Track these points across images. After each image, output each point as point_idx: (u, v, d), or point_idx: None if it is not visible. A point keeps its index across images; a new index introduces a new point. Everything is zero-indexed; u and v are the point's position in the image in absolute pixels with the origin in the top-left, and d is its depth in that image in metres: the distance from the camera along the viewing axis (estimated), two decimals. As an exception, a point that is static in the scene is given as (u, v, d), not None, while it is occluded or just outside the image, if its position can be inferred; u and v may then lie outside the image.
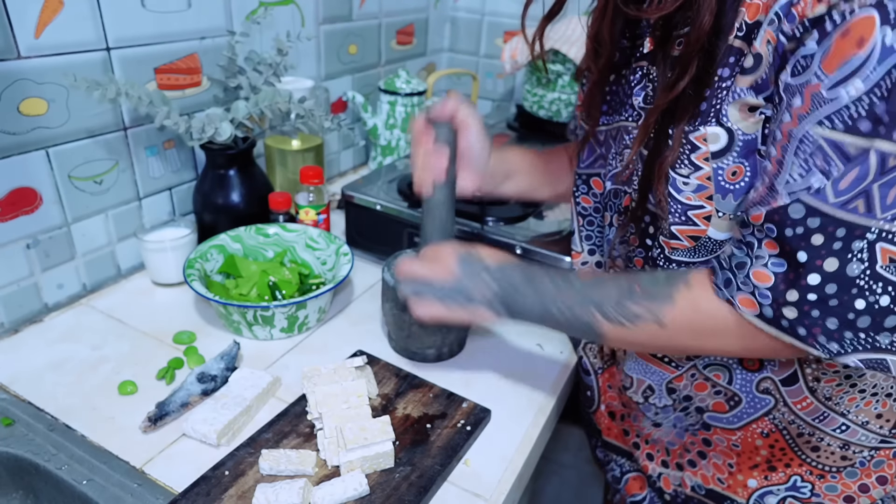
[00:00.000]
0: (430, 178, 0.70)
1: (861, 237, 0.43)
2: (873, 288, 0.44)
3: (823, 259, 0.44)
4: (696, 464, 0.69)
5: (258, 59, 0.95)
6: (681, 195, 0.54)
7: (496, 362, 0.81)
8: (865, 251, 0.43)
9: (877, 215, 0.42)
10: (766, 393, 0.60)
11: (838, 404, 0.58)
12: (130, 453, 0.63)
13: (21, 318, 0.82)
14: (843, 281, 0.44)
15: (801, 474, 0.63)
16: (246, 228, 0.91)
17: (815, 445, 0.61)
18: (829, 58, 0.42)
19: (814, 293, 0.45)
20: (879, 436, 0.59)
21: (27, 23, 0.72)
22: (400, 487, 0.60)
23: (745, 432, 0.63)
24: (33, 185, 0.78)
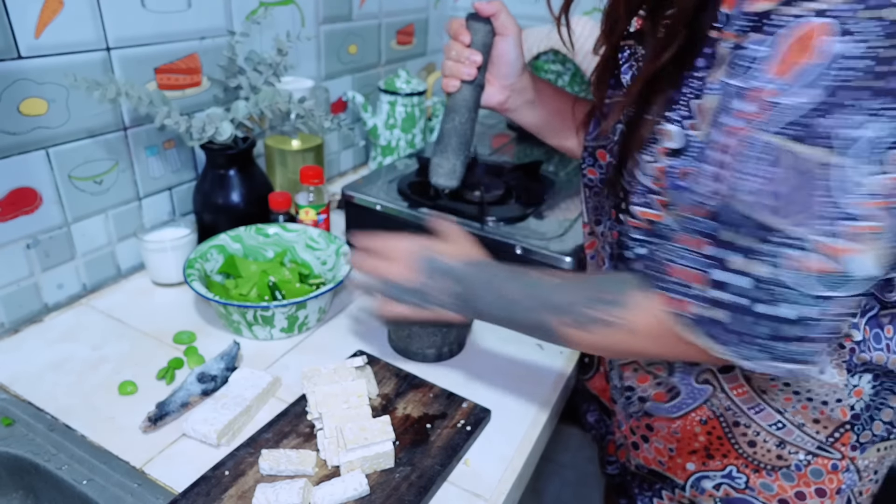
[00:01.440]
0: (460, 75, 0.70)
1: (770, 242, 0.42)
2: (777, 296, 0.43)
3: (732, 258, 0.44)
4: (639, 446, 0.71)
5: (258, 59, 0.95)
6: (644, 179, 0.54)
7: (496, 362, 0.81)
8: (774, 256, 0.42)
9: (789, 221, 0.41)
10: (705, 383, 0.61)
11: (774, 400, 0.59)
12: (130, 453, 0.63)
13: (21, 318, 0.82)
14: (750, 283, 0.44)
15: (736, 465, 0.63)
16: (246, 228, 0.91)
17: (751, 440, 0.61)
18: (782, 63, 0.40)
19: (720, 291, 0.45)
20: (816, 441, 0.59)
21: (27, 23, 0.72)
22: (400, 487, 0.60)
23: (685, 421, 0.64)
24: (33, 185, 0.78)
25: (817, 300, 0.43)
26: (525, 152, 1.26)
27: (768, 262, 0.43)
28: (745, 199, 0.43)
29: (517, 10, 1.50)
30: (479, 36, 0.70)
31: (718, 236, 0.45)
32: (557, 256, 0.85)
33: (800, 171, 0.40)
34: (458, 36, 0.71)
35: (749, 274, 0.44)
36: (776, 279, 0.43)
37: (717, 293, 0.45)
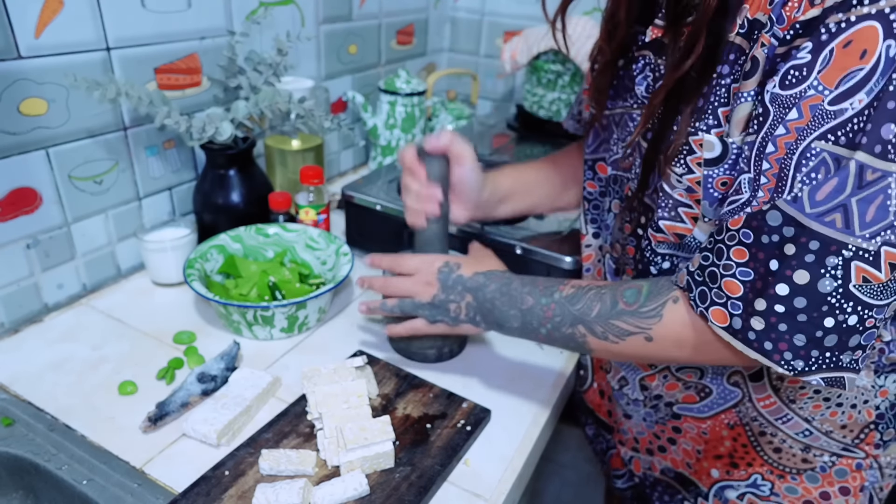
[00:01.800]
0: (424, 213, 0.71)
1: (836, 253, 0.41)
2: (843, 307, 0.42)
3: (794, 270, 0.43)
4: (666, 449, 0.70)
5: (258, 59, 0.95)
6: (673, 192, 0.54)
7: (496, 362, 0.81)
8: (840, 268, 0.41)
9: (855, 232, 0.40)
10: (735, 385, 0.61)
11: (802, 409, 0.58)
12: (130, 453, 0.63)
13: (21, 318, 0.82)
14: (814, 296, 0.43)
15: (761, 473, 0.63)
16: (246, 228, 0.91)
17: (777, 447, 0.61)
18: (829, 70, 0.40)
19: (782, 305, 0.44)
20: (842, 444, 0.59)
21: (27, 23, 0.72)
22: (400, 487, 0.60)
23: (714, 421, 0.64)
24: (33, 185, 0.78)
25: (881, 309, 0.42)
26: (525, 152, 1.26)
27: (833, 275, 0.42)
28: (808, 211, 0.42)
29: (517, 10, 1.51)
30: (435, 169, 0.71)
31: (783, 250, 0.43)
32: (557, 257, 0.85)
33: (865, 180, 0.39)
34: (414, 171, 0.71)
35: (815, 288, 0.42)
36: (845, 291, 0.42)
37: (780, 307, 0.44)
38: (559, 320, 0.59)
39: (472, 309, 0.65)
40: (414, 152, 0.71)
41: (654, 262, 0.59)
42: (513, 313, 0.62)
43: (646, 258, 0.60)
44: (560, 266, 0.84)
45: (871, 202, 0.40)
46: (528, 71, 1.32)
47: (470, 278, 0.66)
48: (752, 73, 0.46)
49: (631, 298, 0.55)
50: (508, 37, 1.54)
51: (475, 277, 0.65)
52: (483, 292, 0.64)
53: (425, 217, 0.72)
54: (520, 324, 0.62)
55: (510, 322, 0.63)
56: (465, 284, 0.66)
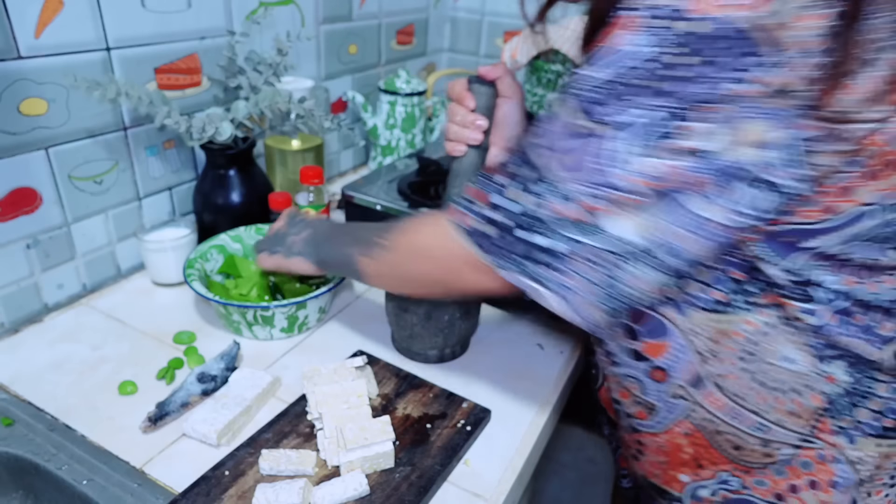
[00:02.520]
0: (466, 140, 0.71)
1: (538, 182, 0.49)
2: (533, 225, 0.50)
3: (508, 187, 0.51)
4: (638, 458, 0.71)
5: (258, 59, 0.95)
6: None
7: (496, 362, 0.81)
8: (538, 196, 0.49)
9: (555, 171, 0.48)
10: (678, 398, 0.61)
11: (747, 401, 0.59)
12: (130, 453, 0.63)
13: (21, 318, 0.82)
14: (516, 209, 0.50)
15: (728, 470, 0.63)
16: (246, 228, 0.91)
17: (736, 444, 0.62)
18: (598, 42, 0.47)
19: (496, 213, 0.52)
20: (798, 434, 0.59)
21: (27, 23, 0.72)
22: (400, 487, 0.60)
23: (669, 435, 0.64)
24: (33, 185, 0.78)
25: (567, 240, 0.49)
26: (525, 152, 1.26)
27: (535, 199, 0.49)
28: (539, 147, 0.50)
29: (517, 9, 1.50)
30: (483, 100, 0.70)
31: (507, 168, 0.52)
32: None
33: (581, 135, 0.46)
34: (463, 100, 0.71)
35: (519, 203, 0.50)
36: (537, 214, 0.49)
37: (491, 212, 0.52)
38: (348, 244, 0.68)
39: (304, 242, 0.75)
40: (465, 83, 0.72)
41: None
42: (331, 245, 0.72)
43: None
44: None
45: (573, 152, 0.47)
46: (528, 71, 1.33)
47: (313, 219, 0.77)
48: None
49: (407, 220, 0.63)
50: (508, 37, 1.54)
51: (318, 217, 0.76)
52: (320, 228, 0.75)
53: (465, 145, 0.72)
54: (329, 253, 0.72)
55: (329, 253, 0.72)
56: (306, 221, 0.77)
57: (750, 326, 0.55)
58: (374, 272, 0.66)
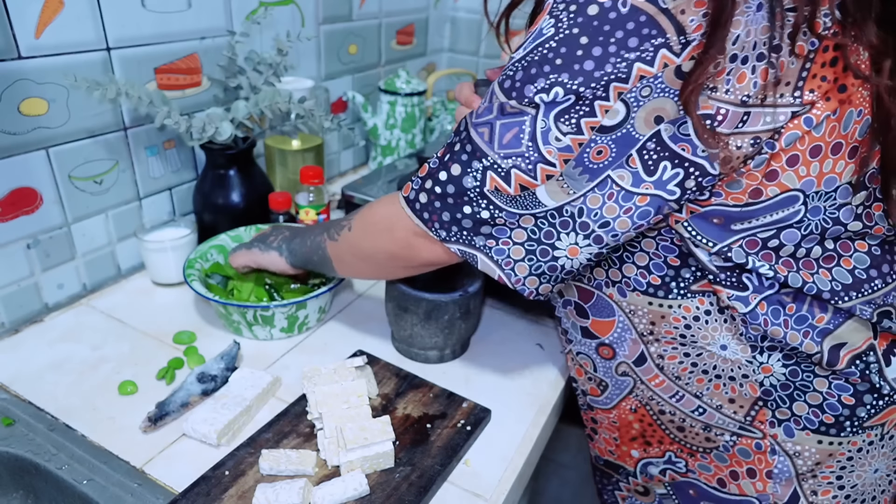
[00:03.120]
0: None
1: (479, 160, 0.52)
2: (479, 202, 0.53)
3: (452, 163, 0.54)
4: (593, 438, 0.74)
5: (258, 59, 0.95)
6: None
7: (496, 362, 0.81)
8: (479, 172, 0.52)
9: (494, 149, 0.51)
10: (624, 375, 0.65)
11: (689, 384, 0.61)
12: (130, 453, 0.63)
13: (21, 318, 0.82)
14: (460, 187, 0.54)
15: (673, 451, 0.66)
16: (246, 228, 0.91)
17: (679, 426, 0.64)
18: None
19: (439, 187, 0.55)
20: (736, 421, 0.60)
21: (27, 23, 0.72)
22: (400, 487, 0.60)
23: (618, 410, 0.68)
24: (34, 185, 0.78)
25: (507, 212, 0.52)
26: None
27: (477, 175, 0.52)
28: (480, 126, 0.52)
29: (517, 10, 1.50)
30: None
31: (453, 145, 0.55)
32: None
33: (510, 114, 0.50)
34: (471, 104, 0.71)
35: (461, 178, 0.53)
36: (479, 189, 0.53)
37: (436, 186, 0.56)
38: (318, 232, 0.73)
39: (281, 239, 0.78)
40: (472, 86, 0.73)
41: None
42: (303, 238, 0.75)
43: None
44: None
45: (508, 130, 0.50)
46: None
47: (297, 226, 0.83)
48: None
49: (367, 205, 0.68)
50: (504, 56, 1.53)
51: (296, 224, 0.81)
52: (299, 229, 0.78)
53: None
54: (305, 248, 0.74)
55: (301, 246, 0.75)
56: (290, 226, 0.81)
57: (686, 312, 0.58)
58: (337, 253, 0.70)
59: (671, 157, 0.47)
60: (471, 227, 0.55)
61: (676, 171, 0.47)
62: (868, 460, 0.60)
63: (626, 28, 0.44)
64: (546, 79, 0.47)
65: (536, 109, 0.48)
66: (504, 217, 0.53)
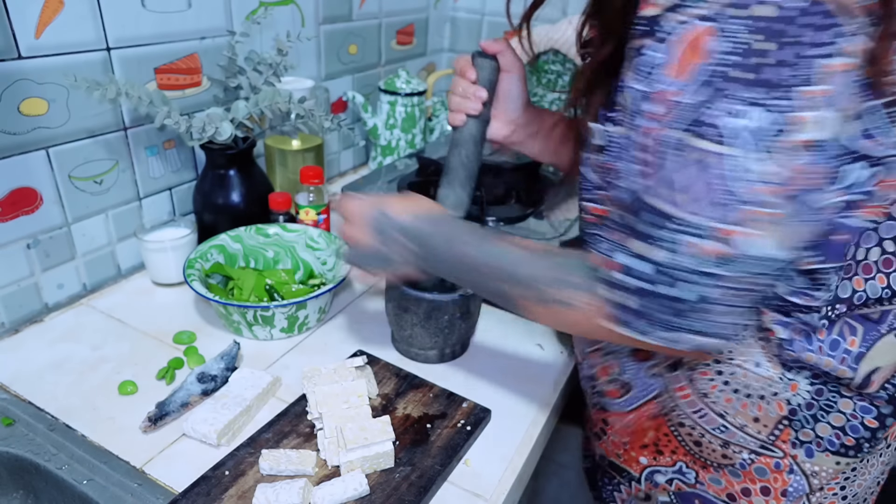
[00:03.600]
0: (466, 110, 0.72)
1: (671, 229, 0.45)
2: (678, 276, 0.46)
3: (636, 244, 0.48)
4: (601, 437, 0.73)
5: (258, 59, 0.95)
6: (590, 175, 0.57)
7: (496, 362, 0.81)
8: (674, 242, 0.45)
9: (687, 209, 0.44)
10: (654, 377, 0.63)
11: (715, 403, 0.59)
12: (130, 453, 0.63)
13: (21, 318, 0.82)
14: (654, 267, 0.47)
15: (685, 462, 0.64)
16: (246, 228, 0.91)
17: (696, 440, 0.62)
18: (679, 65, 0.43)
19: (627, 276, 0.49)
20: (758, 440, 0.59)
21: (27, 23, 0.72)
22: (400, 487, 0.60)
23: (637, 414, 0.66)
24: (33, 185, 0.78)
25: (712, 278, 0.45)
26: (525, 152, 1.26)
27: (668, 246, 0.46)
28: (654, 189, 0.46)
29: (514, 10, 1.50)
30: (484, 72, 0.72)
31: (624, 223, 0.49)
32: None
33: (696, 162, 0.43)
34: (465, 73, 0.72)
35: (651, 258, 0.47)
36: (674, 263, 0.46)
37: (626, 278, 0.49)
38: (500, 279, 0.60)
39: (409, 253, 0.65)
40: (469, 58, 0.73)
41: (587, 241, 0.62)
42: (457, 266, 0.63)
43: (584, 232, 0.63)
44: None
45: (699, 181, 0.43)
46: (528, 71, 1.32)
47: (407, 225, 0.64)
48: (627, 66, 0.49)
49: (566, 267, 0.56)
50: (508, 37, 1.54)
51: (413, 223, 0.64)
52: (420, 238, 0.64)
53: (465, 115, 0.72)
54: (463, 276, 0.64)
55: (452, 272, 0.64)
56: (401, 230, 0.64)
57: None
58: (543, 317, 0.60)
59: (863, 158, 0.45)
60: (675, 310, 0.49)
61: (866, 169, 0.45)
62: (869, 470, 0.61)
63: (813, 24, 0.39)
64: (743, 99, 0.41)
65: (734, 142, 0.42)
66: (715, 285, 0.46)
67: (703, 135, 0.42)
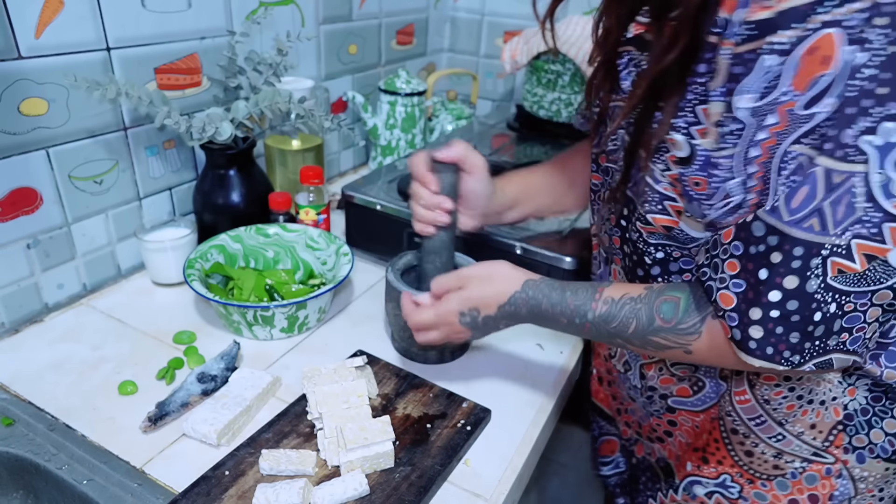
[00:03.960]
0: (434, 222, 0.71)
1: (817, 255, 0.44)
2: (826, 298, 0.45)
3: (783, 277, 0.45)
4: (664, 440, 0.71)
5: (258, 59, 0.95)
6: (658, 185, 0.55)
7: (496, 362, 0.81)
8: (820, 266, 0.44)
9: (829, 232, 0.43)
10: (724, 379, 0.62)
11: (776, 410, 0.58)
12: (130, 453, 0.63)
13: (21, 318, 0.82)
14: (804, 297, 0.45)
15: (731, 474, 0.63)
16: (246, 228, 0.91)
17: (749, 450, 0.61)
18: (798, 76, 0.42)
19: (776, 310, 0.46)
20: (812, 447, 0.59)
21: (27, 23, 0.72)
22: (400, 487, 0.60)
23: (706, 415, 0.65)
24: (34, 185, 0.78)
25: (863, 295, 0.44)
26: (525, 152, 1.26)
27: (816, 273, 0.44)
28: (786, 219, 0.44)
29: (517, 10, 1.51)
30: (446, 181, 0.70)
31: (769, 258, 0.46)
32: (557, 257, 0.85)
33: (833, 183, 0.42)
34: (426, 182, 0.71)
35: (804, 290, 0.45)
36: (826, 285, 0.44)
37: (775, 312, 0.46)
38: (596, 335, 0.61)
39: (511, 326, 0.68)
40: (424, 161, 0.70)
41: (647, 252, 0.60)
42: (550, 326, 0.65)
43: (638, 248, 0.61)
44: (560, 266, 0.84)
45: (840, 202, 0.43)
46: (528, 71, 1.33)
47: (497, 315, 0.65)
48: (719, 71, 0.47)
49: (668, 314, 0.55)
50: (508, 37, 1.54)
51: (502, 311, 0.65)
52: (517, 317, 0.65)
53: (434, 226, 0.71)
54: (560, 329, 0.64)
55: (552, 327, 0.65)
56: (496, 321, 0.66)
57: None
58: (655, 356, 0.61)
59: None
60: (822, 333, 0.46)
61: None
62: None
63: None
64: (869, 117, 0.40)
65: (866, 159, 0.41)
66: (853, 301, 0.45)
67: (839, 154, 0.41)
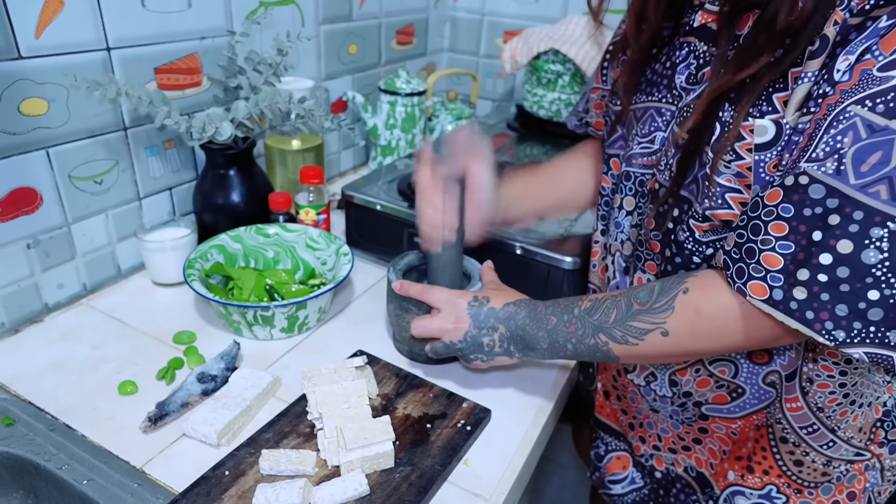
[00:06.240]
0: (440, 237, 0.71)
1: (881, 225, 0.41)
2: (890, 280, 0.41)
3: (838, 240, 0.42)
4: (691, 448, 0.69)
5: (258, 59, 0.95)
6: (720, 178, 0.52)
7: (496, 362, 0.81)
8: (886, 240, 0.41)
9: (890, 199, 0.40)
10: (771, 386, 0.59)
11: (830, 417, 0.57)
12: (130, 453, 0.63)
13: (21, 318, 0.82)
14: (857, 267, 0.42)
15: (777, 485, 0.62)
16: (246, 228, 0.91)
17: (798, 459, 0.60)
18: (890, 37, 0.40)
19: (825, 274, 0.43)
20: (856, 449, 0.59)
21: (27, 23, 0.72)
22: (400, 487, 0.60)
23: (745, 422, 0.63)
24: (34, 185, 0.78)
25: None
26: (525, 152, 1.26)
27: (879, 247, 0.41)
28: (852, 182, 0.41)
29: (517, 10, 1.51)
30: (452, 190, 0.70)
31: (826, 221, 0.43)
32: (558, 257, 0.85)
33: None
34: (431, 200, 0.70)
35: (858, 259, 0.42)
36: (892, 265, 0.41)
37: (823, 276, 0.43)
38: (581, 333, 0.60)
39: (504, 340, 0.66)
40: (429, 176, 0.69)
41: (697, 251, 0.58)
42: (541, 335, 0.63)
43: (685, 249, 0.58)
44: (560, 266, 0.84)
45: None
46: (528, 71, 1.32)
47: (501, 309, 0.66)
48: (819, 52, 0.45)
49: (644, 298, 0.55)
50: (508, 37, 1.54)
51: (506, 308, 0.66)
52: (514, 321, 0.65)
53: (441, 242, 0.71)
54: (547, 344, 0.63)
55: (539, 344, 0.64)
56: (496, 316, 0.66)
57: None
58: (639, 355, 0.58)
59: None
60: (881, 320, 0.42)
61: None
62: None
63: None
64: None
65: None
66: None
67: None
